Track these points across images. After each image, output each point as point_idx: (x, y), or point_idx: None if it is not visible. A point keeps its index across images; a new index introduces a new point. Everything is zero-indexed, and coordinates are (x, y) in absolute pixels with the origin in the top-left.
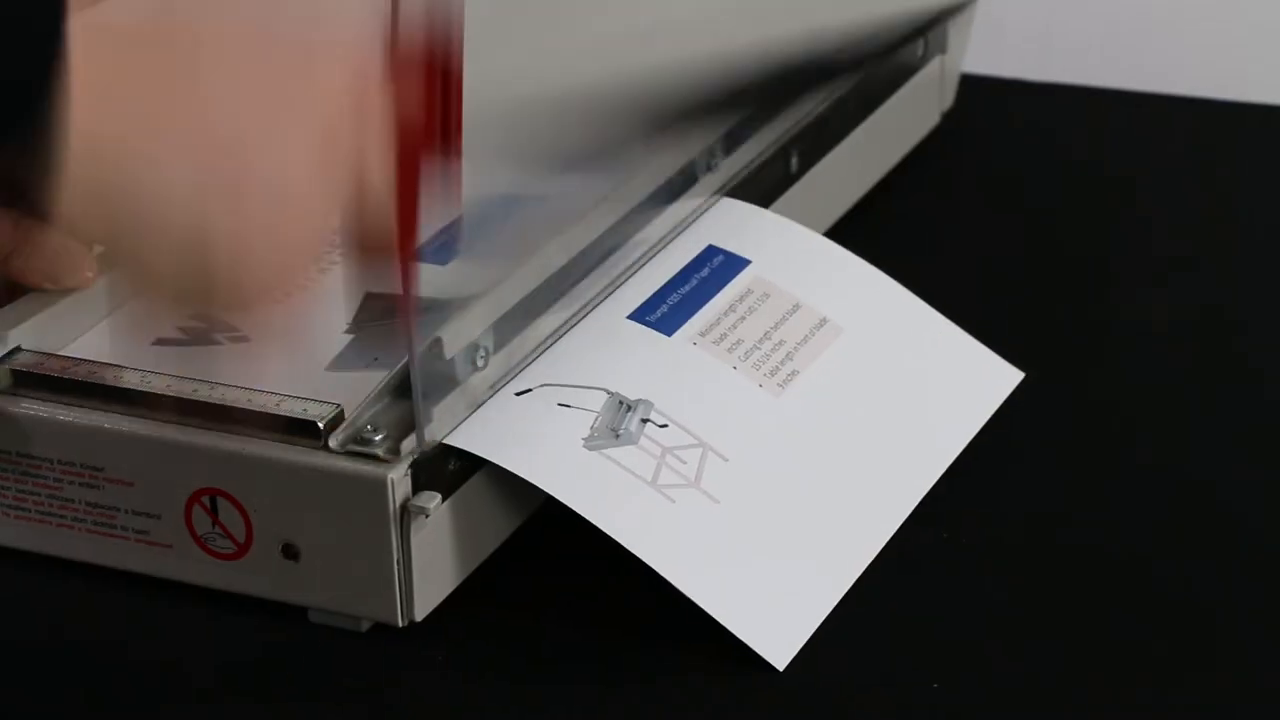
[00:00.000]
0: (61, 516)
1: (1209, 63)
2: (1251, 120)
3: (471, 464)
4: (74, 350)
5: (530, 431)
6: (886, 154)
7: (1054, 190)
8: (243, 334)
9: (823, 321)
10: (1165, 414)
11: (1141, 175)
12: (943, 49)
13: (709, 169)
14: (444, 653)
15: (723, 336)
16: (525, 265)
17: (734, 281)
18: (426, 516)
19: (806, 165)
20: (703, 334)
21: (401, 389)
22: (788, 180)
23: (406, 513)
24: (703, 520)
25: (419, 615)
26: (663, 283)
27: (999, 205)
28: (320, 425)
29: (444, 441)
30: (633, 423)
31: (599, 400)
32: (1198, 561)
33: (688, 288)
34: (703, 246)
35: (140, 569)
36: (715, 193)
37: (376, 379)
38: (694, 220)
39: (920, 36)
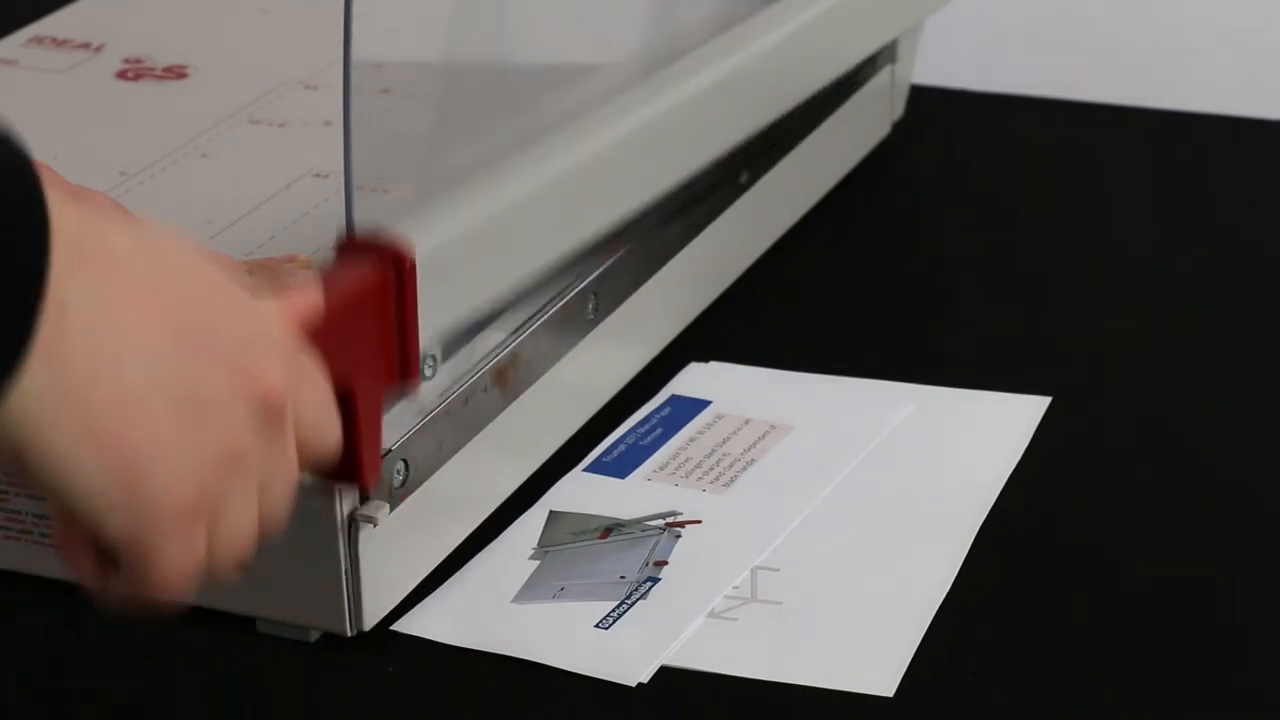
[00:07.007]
0: (8, 529)
1: (1157, 73)
2: (1199, 129)
3: (421, 474)
4: None
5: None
6: (836, 165)
7: (1004, 199)
8: None
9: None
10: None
11: (1090, 184)
12: (892, 59)
13: None
14: (393, 663)
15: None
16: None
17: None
18: (374, 526)
19: (756, 176)
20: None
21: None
22: (737, 191)
23: (354, 522)
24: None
25: (368, 625)
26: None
27: (949, 215)
28: None
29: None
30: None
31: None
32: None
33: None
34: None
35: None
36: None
37: None
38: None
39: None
